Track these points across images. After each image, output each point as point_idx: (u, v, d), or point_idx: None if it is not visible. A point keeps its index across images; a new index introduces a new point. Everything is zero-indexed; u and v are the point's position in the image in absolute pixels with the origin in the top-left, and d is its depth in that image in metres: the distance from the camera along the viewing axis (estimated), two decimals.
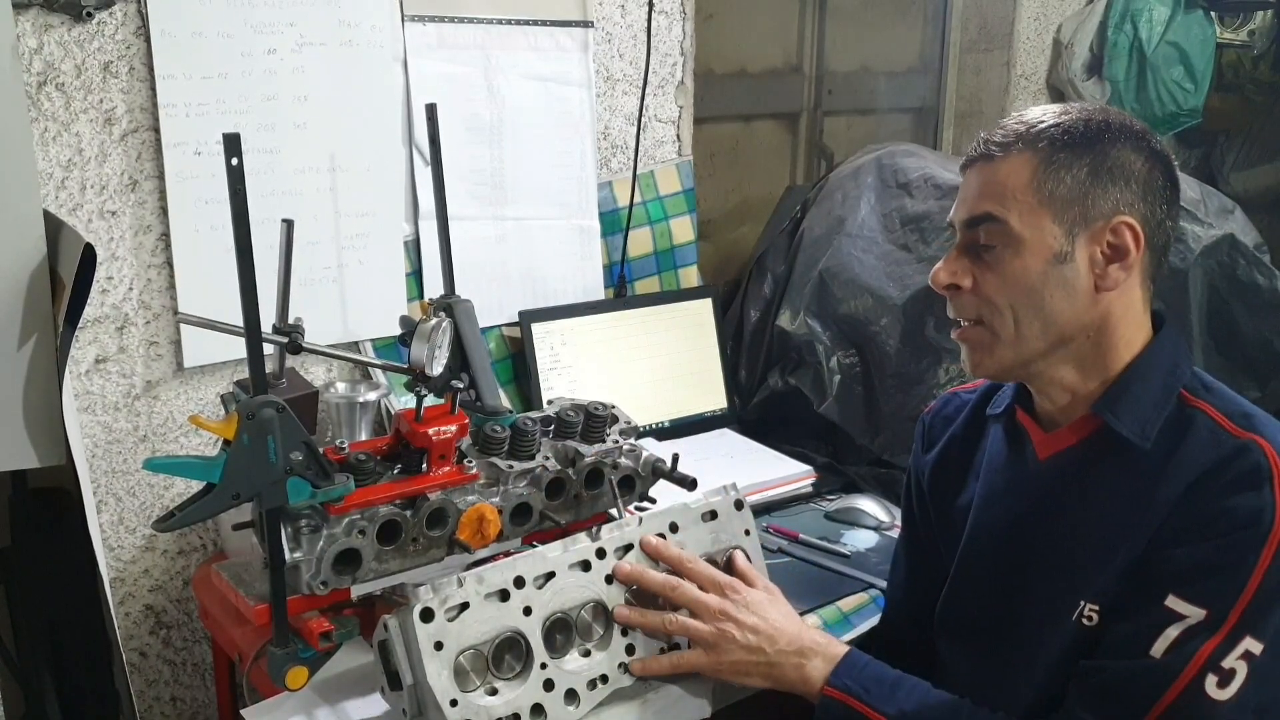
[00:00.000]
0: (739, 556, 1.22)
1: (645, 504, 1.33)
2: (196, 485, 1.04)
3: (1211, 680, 0.96)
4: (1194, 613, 0.97)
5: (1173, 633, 0.97)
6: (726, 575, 1.17)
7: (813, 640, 1.14)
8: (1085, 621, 1.05)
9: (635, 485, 1.32)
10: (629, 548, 1.17)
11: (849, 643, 1.16)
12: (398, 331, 1.30)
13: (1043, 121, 1.07)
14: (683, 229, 2.08)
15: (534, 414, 1.30)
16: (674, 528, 1.20)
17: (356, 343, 1.71)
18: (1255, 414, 1.05)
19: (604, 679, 1.12)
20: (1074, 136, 1.05)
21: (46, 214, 1.13)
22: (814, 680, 1.11)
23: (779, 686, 1.14)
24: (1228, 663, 0.95)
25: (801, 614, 1.32)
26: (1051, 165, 1.05)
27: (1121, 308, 1.07)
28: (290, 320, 1.18)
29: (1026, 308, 1.06)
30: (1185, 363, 1.09)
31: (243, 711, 1.16)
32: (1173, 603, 0.98)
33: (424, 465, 1.17)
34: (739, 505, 1.25)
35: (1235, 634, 0.96)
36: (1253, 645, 0.96)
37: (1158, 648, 0.98)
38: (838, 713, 1.08)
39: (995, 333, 1.08)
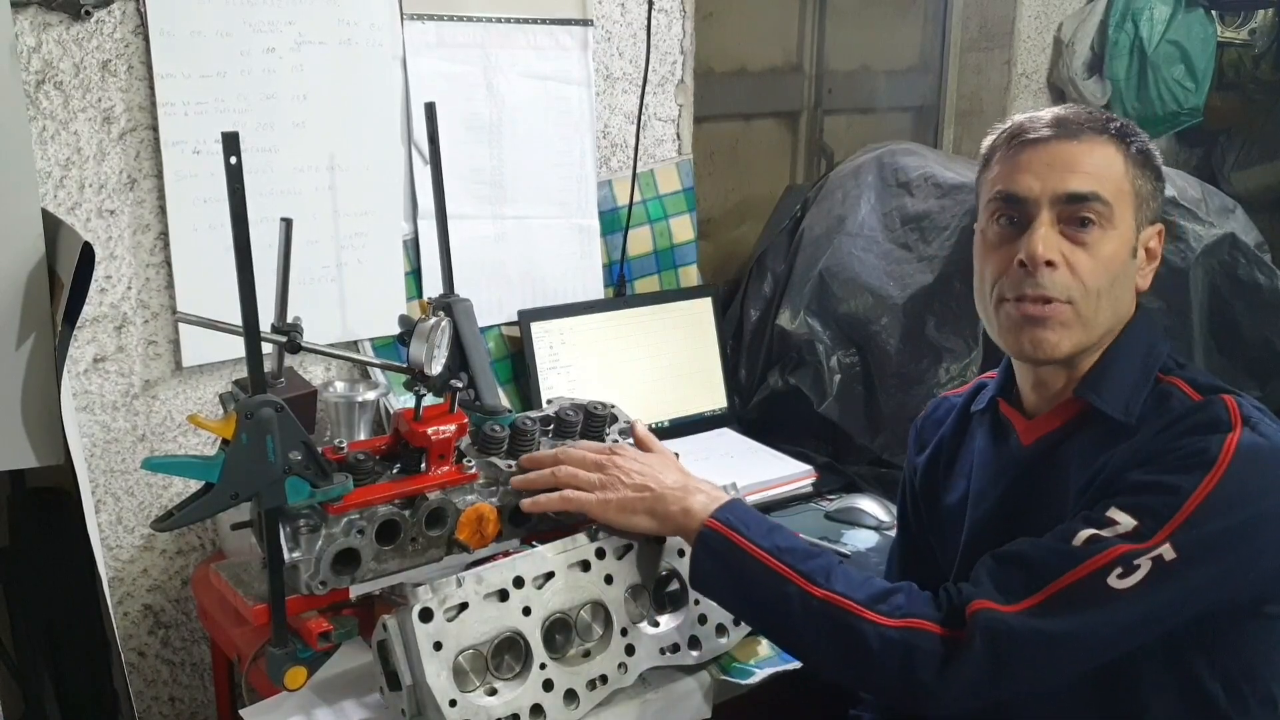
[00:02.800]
0: (639, 425, 1.28)
1: None
2: (195, 485, 1.04)
3: (1116, 571, 0.97)
4: (1126, 522, 0.99)
5: (1100, 534, 0.99)
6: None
7: (699, 482, 1.17)
8: None
9: None
10: (629, 547, 1.17)
11: None
12: (397, 331, 1.30)
13: (1112, 120, 1.11)
14: (682, 228, 2.08)
15: (533, 413, 1.30)
16: None
17: (355, 342, 1.70)
18: (1225, 386, 1.07)
19: (604, 679, 1.12)
20: (1140, 143, 1.10)
21: (45, 213, 1.13)
22: (696, 513, 1.12)
23: (664, 526, 1.15)
24: (1137, 560, 0.97)
25: None
26: (1133, 163, 1.09)
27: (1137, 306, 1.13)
28: (289, 319, 1.18)
29: (1108, 294, 1.08)
30: (1160, 344, 1.13)
31: (241, 711, 1.16)
32: (1113, 513, 1.00)
33: (423, 465, 1.17)
34: None
35: (1156, 544, 0.97)
36: (1167, 551, 0.97)
37: (1079, 539, 0.99)
38: (716, 544, 1.09)
39: (1079, 314, 1.08)
